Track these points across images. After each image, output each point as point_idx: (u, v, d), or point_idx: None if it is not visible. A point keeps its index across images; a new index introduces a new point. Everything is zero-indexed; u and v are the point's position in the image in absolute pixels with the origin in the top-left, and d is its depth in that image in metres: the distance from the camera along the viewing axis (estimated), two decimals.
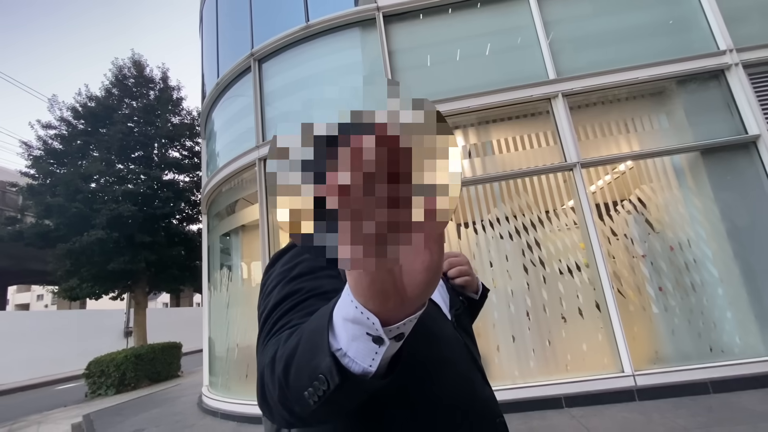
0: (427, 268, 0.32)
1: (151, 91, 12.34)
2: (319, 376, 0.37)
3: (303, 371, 0.39)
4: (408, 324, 0.36)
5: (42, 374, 13.82)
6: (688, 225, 4.15)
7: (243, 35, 6.05)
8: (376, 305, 0.33)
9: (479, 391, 0.70)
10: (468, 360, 0.72)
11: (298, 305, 0.56)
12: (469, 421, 0.63)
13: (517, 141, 4.64)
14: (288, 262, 0.65)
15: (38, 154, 10.83)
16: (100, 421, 5.62)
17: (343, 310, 0.36)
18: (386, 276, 0.32)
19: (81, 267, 9.95)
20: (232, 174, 5.73)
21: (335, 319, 0.37)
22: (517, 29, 4.91)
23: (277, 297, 0.59)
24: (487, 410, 0.68)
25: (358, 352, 0.36)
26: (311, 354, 0.39)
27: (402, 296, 0.33)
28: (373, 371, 0.37)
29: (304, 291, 0.58)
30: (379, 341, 0.35)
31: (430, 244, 0.31)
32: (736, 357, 3.71)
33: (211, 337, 6.32)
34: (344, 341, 0.36)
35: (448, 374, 0.64)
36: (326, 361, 0.36)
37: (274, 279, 0.64)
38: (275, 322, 0.55)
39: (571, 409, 3.62)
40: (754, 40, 4.34)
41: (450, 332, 0.73)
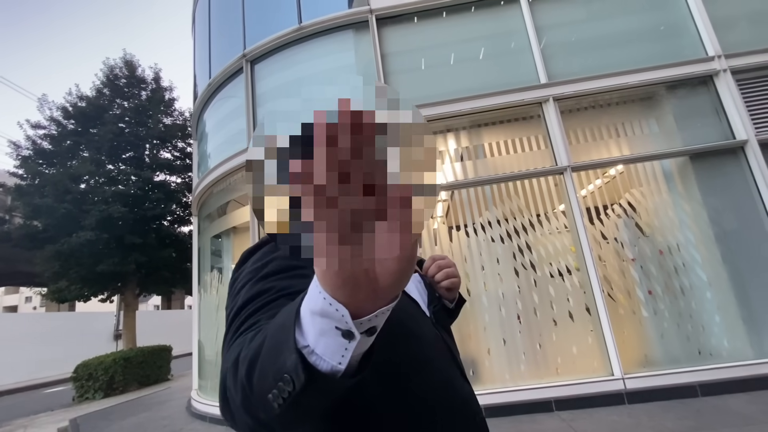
0: (400, 258, 0.30)
1: (143, 92, 12.25)
2: (284, 376, 0.34)
3: (267, 372, 0.36)
4: (380, 317, 0.33)
5: (29, 377, 13.60)
6: (677, 229, 4.18)
7: (235, 36, 6.02)
8: (345, 295, 0.31)
9: (459, 388, 0.69)
10: (447, 358, 0.72)
11: (267, 305, 0.53)
12: (451, 419, 0.62)
13: (509, 144, 4.65)
14: (259, 260, 0.63)
15: (27, 154, 10.69)
16: (87, 425, 5.53)
17: (311, 303, 0.33)
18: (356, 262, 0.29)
19: (70, 269, 9.81)
20: (223, 176, 5.69)
21: (302, 314, 0.35)
22: (509, 33, 4.93)
23: (246, 296, 0.56)
24: (467, 408, 0.68)
25: (327, 349, 0.33)
26: (276, 352, 0.36)
27: (374, 286, 0.31)
28: (342, 369, 0.34)
29: (274, 290, 0.56)
30: (349, 336, 0.32)
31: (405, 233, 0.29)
32: (724, 360, 3.74)
33: (200, 340, 6.26)
34: (312, 337, 0.34)
35: (428, 374, 0.63)
36: (291, 359, 0.33)
37: (244, 277, 0.61)
38: (242, 323, 0.52)
39: (561, 413, 3.62)
40: (742, 47, 4.40)
41: (429, 330, 0.72)
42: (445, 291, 0.88)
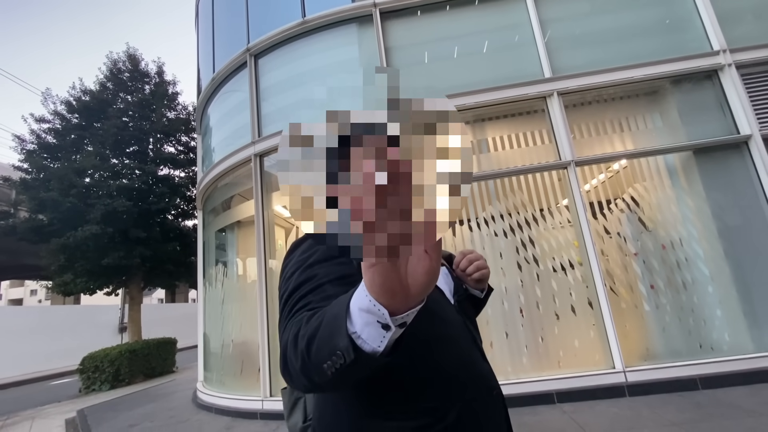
0: (427, 271, 0.39)
1: (146, 86, 12.25)
2: (337, 353, 0.45)
3: (324, 348, 0.47)
4: (410, 315, 0.44)
5: (36, 369, 13.76)
6: (680, 224, 4.19)
7: (239, 30, 6.02)
8: (385, 299, 0.41)
9: (478, 366, 0.80)
10: (468, 339, 0.82)
11: (315, 289, 0.65)
12: (469, 389, 0.73)
13: (513, 139, 4.66)
14: (306, 251, 0.74)
15: (31, 148, 10.73)
16: (94, 416, 5.62)
17: (359, 302, 0.44)
18: (395, 277, 0.39)
19: (75, 262, 9.89)
20: (228, 170, 5.72)
21: (352, 308, 0.45)
22: (513, 27, 4.92)
23: (296, 281, 0.68)
24: (485, 382, 0.78)
25: (370, 336, 0.44)
26: (331, 334, 0.47)
27: (406, 293, 0.40)
28: (380, 350, 0.45)
29: (320, 276, 0.67)
30: (387, 328, 0.43)
31: (432, 252, 0.39)
32: (724, 354, 3.77)
33: (206, 332, 6.33)
34: (359, 326, 0.44)
35: (450, 349, 0.74)
36: (344, 341, 0.45)
37: (293, 265, 0.72)
38: (295, 304, 0.64)
39: (562, 405, 3.66)
40: (747, 41, 4.38)
41: (452, 314, 0.83)
42: (475, 282, 0.99)
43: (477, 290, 1.01)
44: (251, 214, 5.23)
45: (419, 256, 0.39)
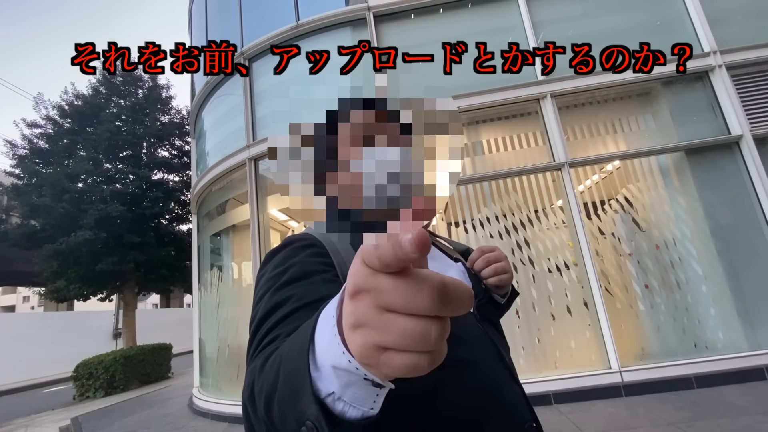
0: None
1: (139, 90, 12.18)
2: (306, 423, 0.31)
3: (287, 414, 0.34)
4: None
5: (29, 377, 13.59)
6: (673, 224, 4.23)
7: (232, 34, 6.00)
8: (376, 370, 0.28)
9: (507, 393, 0.62)
10: (494, 358, 0.65)
11: (286, 317, 0.51)
12: (496, 429, 0.56)
13: (507, 141, 4.68)
14: (279, 265, 0.60)
15: (23, 154, 10.63)
16: (89, 423, 5.56)
17: (332, 358, 0.30)
18: None
19: (68, 268, 9.80)
20: (222, 174, 5.70)
21: (322, 364, 0.31)
22: (506, 30, 4.95)
23: (266, 307, 0.54)
24: (513, 416, 0.61)
25: (356, 397, 0.31)
26: (294, 397, 0.33)
27: None
28: (375, 414, 0.32)
29: (294, 299, 0.53)
30: (380, 385, 0.30)
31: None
32: (719, 353, 3.80)
33: (201, 338, 6.28)
34: (337, 386, 0.31)
35: (469, 380, 0.57)
36: (312, 409, 0.31)
37: (264, 284, 0.59)
38: (263, 337, 0.50)
39: (559, 406, 3.67)
40: (737, 42, 4.44)
41: (472, 328, 0.66)
42: (494, 287, 0.81)
43: (497, 295, 0.83)
44: (246, 218, 5.21)
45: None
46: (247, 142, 5.32)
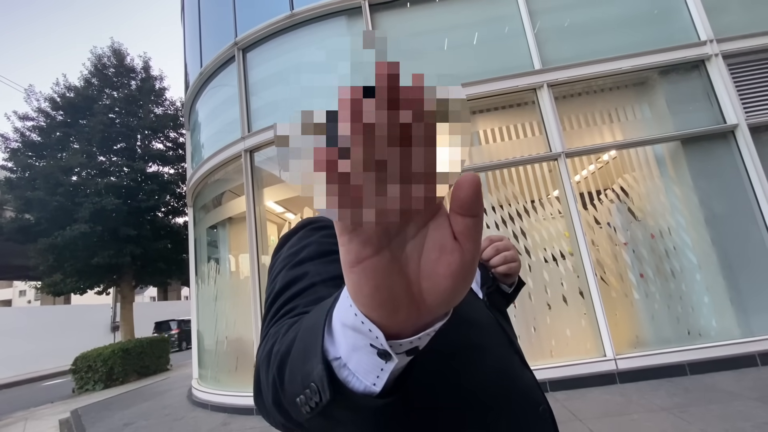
0: (455, 272, 0.25)
1: (132, 81, 12.07)
2: (311, 385, 0.30)
3: (296, 374, 0.33)
4: (424, 338, 0.28)
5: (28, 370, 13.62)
6: (668, 213, 4.25)
7: (226, 24, 5.92)
8: (381, 316, 0.26)
9: (518, 377, 0.62)
10: (505, 343, 0.65)
11: (304, 291, 0.51)
12: (509, 412, 0.55)
13: (504, 131, 4.67)
14: (295, 245, 0.60)
15: (16, 147, 10.54)
16: (88, 416, 5.59)
17: (342, 314, 0.29)
18: (396, 280, 0.25)
19: (64, 262, 9.78)
20: (218, 166, 5.66)
21: (334, 322, 0.31)
22: (503, 19, 4.91)
23: (282, 281, 0.54)
24: (528, 398, 0.60)
25: (360, 366, 0.29)
26: (304, 355, 0.32)
27: (418, 306, 0.26)
28: (377, 390, 0.29)
29: (310, 275, 0.53)
30: (386, 356, 0.28)
31: (463, 240, 0.24)
32: (712, 340, 3.85)
33: (199, 330, 6.30)
34: (344, 350, 0.29)
35: (482, 362, 0.56)
36: (318, 369, 0.30)
37: (281, 263, 0.59)
38: (279, 308, 0.50)
39: (555, 393, 3.71)
40: (733, 31, 4.42)
41: (483, 314, 0.66)
42: (501, 276, 0.81)
43: (504, 284, 0.83)
44: (242, 210, 5.19)
45: (442, 245, 0.24)
46: (242, 133, 5.28)
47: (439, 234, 0.24)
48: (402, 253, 0.25)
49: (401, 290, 0.25)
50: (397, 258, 0.25)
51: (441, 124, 0.21)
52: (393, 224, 0.22)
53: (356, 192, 0.20)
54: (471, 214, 0.24)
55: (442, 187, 0.21)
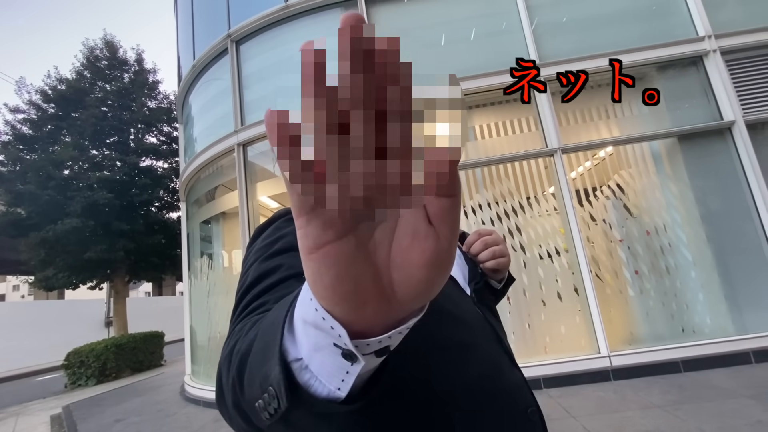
0: (430, 261, 0.22)
1: (125, 74, 11.91)
2: (269, 389, 0.27)
3: (255, 376, 0.30)
4: (395, 337, 0.25)
5: (20, 365, 13.52)
6: (664, 210, 4.24)
7: (219, 15, 5.82)
8: (345, 311, 0.23)
9: (507, 377, 0.59)
10: (493, 342, 0.62)
11: (276, 285, 0.48)
12: (496, 414, 0.53)
13: (500, 126, 4.63)
14: (270, 236, 0.57)
15: (6, 140, 10.38)
16: (80, 412, 5.54)
17: (302, 309, 0.26)
18: (363, 270, 0.22)
19: (56, 256, 9.68)
20: (211, 160, 5.59)
21: (295, 318, 0.28)
22: (500, 14, 4.85)
23: (254, 275, 0.51)
24: (515, 400, 0.58)
25: (323, 368, 0.26)
26: (264, 355, 0.29)
27: (388, 299, 0.23)
28: (342, 396, 0.27)
29: (283, 268, 0.49)
30: (351, 357, 0.25)
31: (439, 223, 0.22)
32: (706, 337, 3.85)
33: (192, 325, 6.25)
34: (305, 350, 0.27)
35: (469, 363, 0.54)
36: (275, 371, 0.27)
37: (254, 254, 0.56)
38: (248, 304, 0.47)
39: (549, 390, 3.71)
40: (731, 26, 4.39)
41: (471, 311, 0.63)
42: (490, 271, 0.78)
43: (493, 280, 0.80)
44: (235, 204, 5.13)
45: (416, 230, 0.22)
46: (235, 127, 5.20)
47: (412, 217, 0.22)
48: (370, 239, 0.22)
49: (368, 281, 0.22)
50: (364, 244, 0.22)
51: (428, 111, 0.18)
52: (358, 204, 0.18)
53: (319, 166, 0.17)
54: (447, 193, 0.21)
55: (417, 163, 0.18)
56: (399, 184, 0.18)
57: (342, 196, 0.18)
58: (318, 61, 0.17)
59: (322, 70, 0.17)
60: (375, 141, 0.18)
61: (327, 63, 0.18)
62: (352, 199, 0.18)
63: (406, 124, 0.18)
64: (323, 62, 0.17)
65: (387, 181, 0.18)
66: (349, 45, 0.17)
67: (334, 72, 0.17)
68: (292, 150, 0.17)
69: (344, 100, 0.17)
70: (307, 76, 0.17)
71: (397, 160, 0.18)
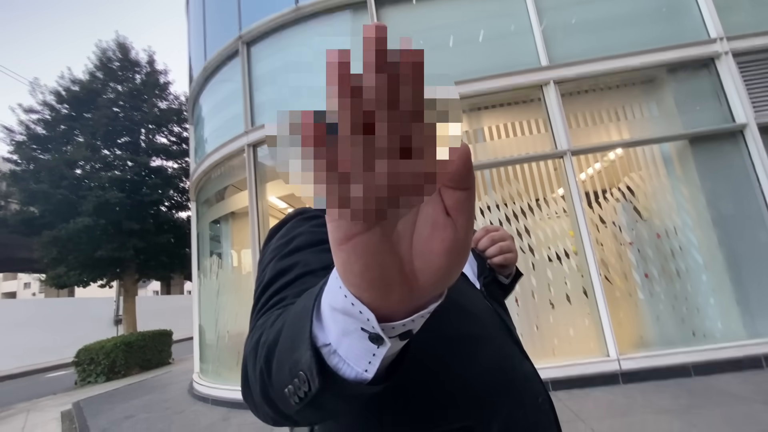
0: (449, 249, 0.24)
1: (137, 75, 12.07)
2: (299, 373, 0.30)
3: (284, 363, 0.32)
4: (418, 320, 0.28)
5: (31, 362, 13.71)
6: (674, 213, 4.20)
7: (231, 17, 5.89)
8: (373, 297, 0.25)
9: (518, 367, 0.61)
10: (504, 334, 0.64)
11: (293, 281, 0.50)
12: (510, 400, 0.54)
13: (509, 128, 4.62)
14: (285, 235, 0.59)
15: (21, 140, 10.57)
16: (90, 408, 5.61)
17: (331, 297, 0.28)
18: (388, 259, 0.24)
19: (68, 254, 9.82)
20: (221, 160, 5.65)
21: (323, 307, 0.30)
22: (510, 15, 4.85)
23: (272, 272, 0.53)
24: (527, 390, 0.59)
25: (351, 351, 0.28)
26: (292, 343, 0.31)
27: (411, 286, 0.25)
28: (369, 377, 0.29)
29: (300, 265, 0.52)
30: (378, 340, 0.27)
31: (456, 215, 0.24)
32: (717, 341, 3.81)
33: (201, 324, 6.31)
34: (334, 335, 0.29)
35: (481, 352, 0.56)
36: (306, 357, 0.29)
37: (270, 253, 0.58)
38: (268, 299, 0.49)
39: (557, 393, 3.69)
40: (744, 29, 4.35)
41: (481, 304, 0.65)
42: (498, 267, 0.80)
43: (501, 275, 0.83)
44: (245, 204, 5.18)
45: (435, 220, 0.24)
46: (245, 128, 5.25)
47: (431, 209, 0.24)
48: (393, 230, 0.24)
49: (393, 269, 0.24)
50: (388, 235, 0.24)
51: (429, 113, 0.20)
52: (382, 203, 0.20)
53: (344, 166, 0.19)
54: (463, 186, 0.23)
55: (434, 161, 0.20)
56: (420, 182, 0.20)
57: (366, 195, 0.20)
58: (343, 61, 0.19)
59: (347, 70, 0.18)
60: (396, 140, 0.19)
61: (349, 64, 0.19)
62: (376, 199, 0.20)
63: (423, 124, 0.20)
64: (348, 62, 0.19)
65: (409, 180, 0.20)
66: (374, 56, 0.19)
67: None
68: (317, 150, 0.19)
69: (369, 100, 0.19)
70: (332, 76, 0.18)
71: (418, 159, 0.20)
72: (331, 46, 0.20)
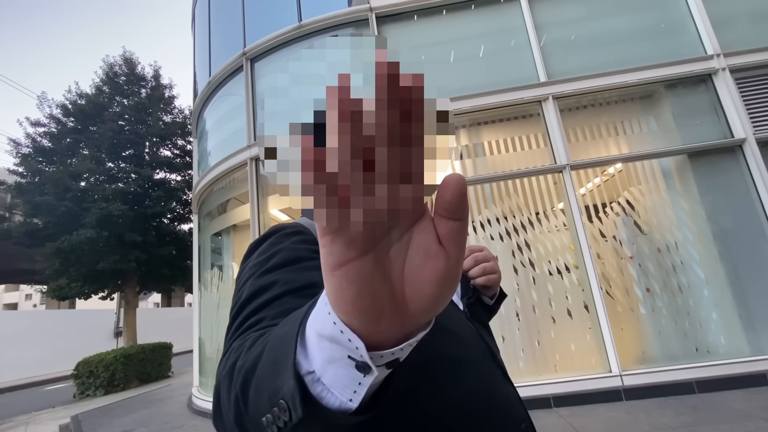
0: (440, 278, 0.24)
1: (142, 89, 12.26)
2: (280, 402, 0.28)
3: (263, 391, 0.30)
4: (406, 349, 0.27)
5: (30, 375, 13.64)
6: (675, 227, 4.20)
7: (235, 34, 6.02)
8: (363, 325, 0.25)
9: (501, 392, 0.60)
10: (487, 357, 0.63)
11: (272, 301, 0.47)
12: (489, 430, 0.53)
13: (508, 143, 4.67)
14: (264, 252, 0.56)
15: (27, 152, 10.70)
16: (88, 421, 5.56)
17: (318, 324, 0.27)
18: (380, 286, 0.24)
19: (70, 266, 9.83)
20: (224, 173, 5.70)
21: (308, 333, 0.29)
22: (509, 31, 4.94)
23: (249, 291, 0.50)
24: (509, 415, 0.58)
25: (336, 380, 0.27)
26: (274, 370, 0.30)
27: (401, 313, 0.25)
28: (353, 407, 0.28)
29: (279, 284, 0.49)
30: (365, 369, 0.26)
31: (448, 244, 0.24)
32: (720, 357, 3.76)
33: (201, 337, 6.29)
34: (318, 363, 0.28)
35: (462, 375, 0.54)
36: (289, 384, 0.28)
37: (248, 270, 0.55)
38: (244, 320, 0.46)
39: (559, 409, 3.65)
40: (741, 45, 4.41)
41: (464, 326, 0.64)
42: (482, 288, 0.81)
43: (485, 296, 0.83)
44: (247, 217, 5.21)
45: (427, 249, 0.24)
46: (248, 142, 5.32)
47: (423, 238, 0.24)
48: (386, 257, 0.24)
49: (384, 296, 0.24)
50: (381, 262, 0.24)
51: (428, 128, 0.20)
52: (379, 226, 0.21)
53: (344, 191, 0.19)
54: (456, 217, 0.23)
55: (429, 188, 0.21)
56: (412, 207, 0.20)
57: (366, 219, 0.20)
58: (343, 86, 0.19)
59: (347, 94, 0.18)
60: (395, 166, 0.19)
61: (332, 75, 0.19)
62: (375, 223, 0.20)
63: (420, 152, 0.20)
64: (348, 87, 0.19)
65: (406, 205, 0.20)
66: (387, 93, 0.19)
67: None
68: (318, 175, 0.19)
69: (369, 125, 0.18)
70: (333, 101, 0.19)
71: (412, 185, 0.20)
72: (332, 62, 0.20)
